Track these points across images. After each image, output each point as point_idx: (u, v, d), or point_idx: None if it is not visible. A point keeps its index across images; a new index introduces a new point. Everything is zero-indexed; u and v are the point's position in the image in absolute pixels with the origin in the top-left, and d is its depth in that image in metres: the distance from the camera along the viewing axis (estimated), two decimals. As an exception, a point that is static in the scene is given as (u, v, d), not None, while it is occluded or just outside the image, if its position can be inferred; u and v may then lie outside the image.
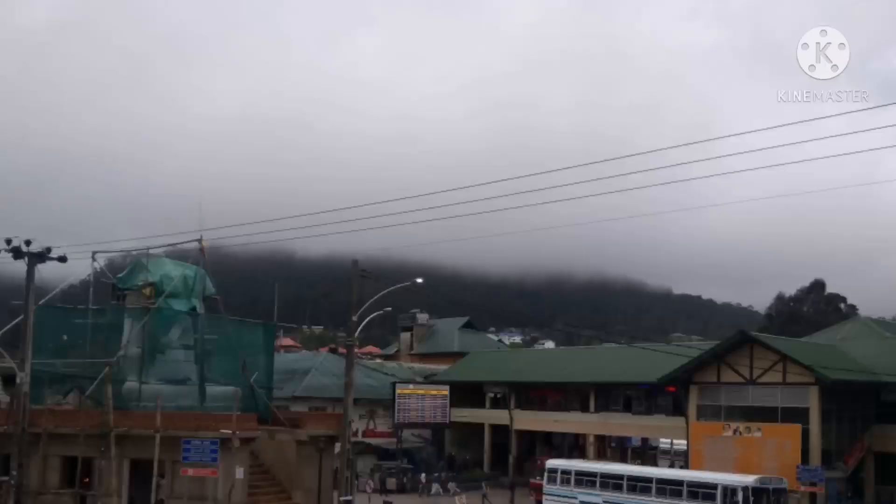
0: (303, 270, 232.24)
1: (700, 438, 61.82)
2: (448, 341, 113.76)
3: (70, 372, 49.12)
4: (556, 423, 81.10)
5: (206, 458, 40.76)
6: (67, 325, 49.26)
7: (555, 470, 58.62)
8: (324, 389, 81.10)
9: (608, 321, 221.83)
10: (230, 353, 49.13)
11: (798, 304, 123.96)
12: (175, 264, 51.03)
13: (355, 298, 46.14)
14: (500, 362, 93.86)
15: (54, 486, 44.13)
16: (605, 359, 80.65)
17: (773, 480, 48.66)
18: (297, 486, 46.53)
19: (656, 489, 51.43)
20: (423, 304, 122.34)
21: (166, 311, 48.44)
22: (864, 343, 65.36)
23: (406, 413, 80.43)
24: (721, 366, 61.67)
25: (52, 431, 43.62)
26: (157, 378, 47.54)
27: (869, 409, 61.19)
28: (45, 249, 42.68)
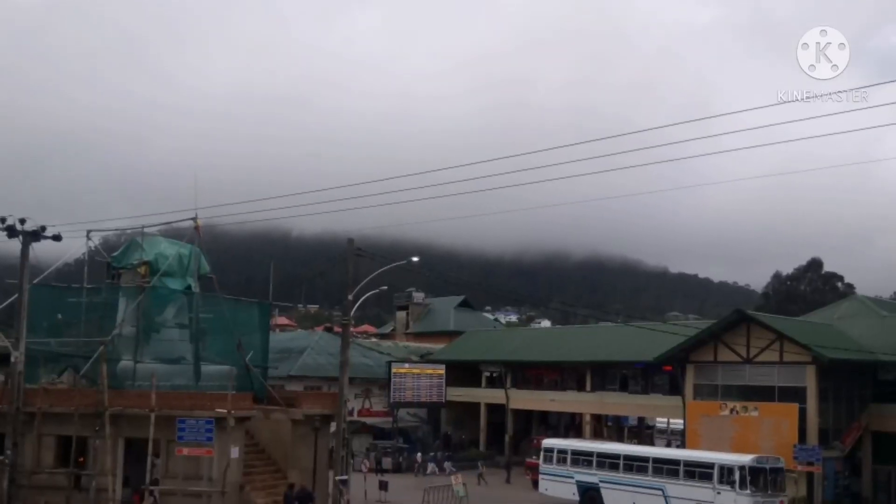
0: (298, 249, 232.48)
1: (697, 417, 61.72)
2: (444, 320, 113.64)
3: (65, 351, 49.00)
4: (553, 402, 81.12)
5: (201, 437, 40.58)
6: (62, 304, 49.00)
7: (551, 449, 58.52)
8: (319, 368, 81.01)
9: (604, 300, 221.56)
10: (225, 332, 48.80)
11: (795, 283, 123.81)
12: (170, 243, 50.69)
13: (351, 277, 45.97)
14: (496, 341, 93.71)
15: (49, 466, 43.90)
16: (602, 338, 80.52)
17: (769, 460, 48.55)
18: (292, 466, 46.37)
19: (653, 468, 51.37)
20: (418, 282, 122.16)
21: (161, 289, 48.14)
22: (862, 322, 65.18)
23: (402, 392, 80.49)
24: (718, 345, 61.55)
25: (46, 411, 43.54)
26: (152, 357, 47.27)
27: (866, 388, 61.08)
28: (40, 228, 42.48)
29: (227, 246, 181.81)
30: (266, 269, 59.74)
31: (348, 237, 47.12)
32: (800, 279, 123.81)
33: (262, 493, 43.92)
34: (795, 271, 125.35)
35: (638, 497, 51.77)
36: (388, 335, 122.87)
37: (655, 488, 50.64)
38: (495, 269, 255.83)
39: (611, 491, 53.47)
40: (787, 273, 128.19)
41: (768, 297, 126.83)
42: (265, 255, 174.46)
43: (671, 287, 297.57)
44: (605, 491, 53.82)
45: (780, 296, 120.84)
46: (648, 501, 51.18)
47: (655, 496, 50.57)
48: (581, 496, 55.30)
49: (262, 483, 44.95)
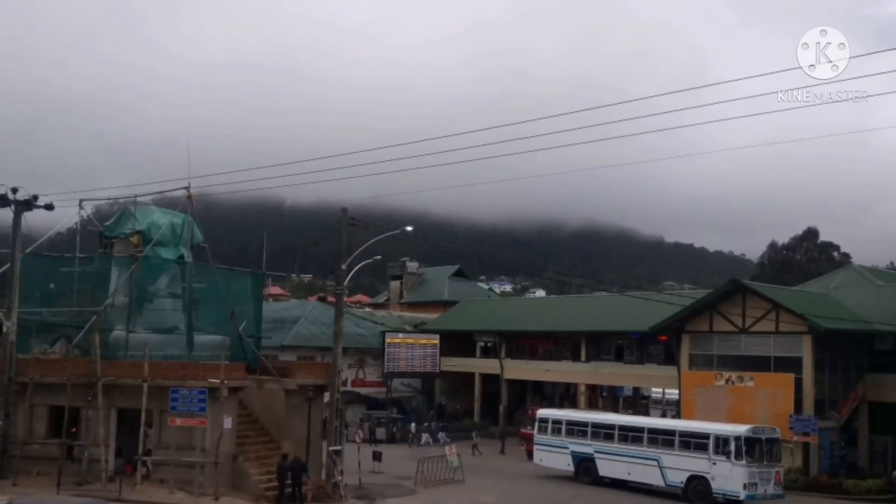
0: (291, 218, 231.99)
1: (692, 388, 61.63)
2: (438, 290, 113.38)
3: (57, 321, 48.69)
4: (547, 372, 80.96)
5: (193, 407, 40.61)
6: (54, 274, 48.75)
7: (545, 420, 58.31)
8: (313, 338, 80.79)
9: (599, 270, 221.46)
10: (218, 302, 48.63)
11: (791, 253, 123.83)
12: (163, 212, 50.41)
13: (344, 247, 45.86)
14: (491, 311, 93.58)
15: (41, 436, 43.86)
16: (597, 308, 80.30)
17: (765, 430, 48.38)
18: (285, 436, 46.15)
19: (648, 439, 51.17)
20: (412, 252, 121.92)
21: (154, 259, 47.85)
22: (858, 292, 65.04)
23: (396, 362, 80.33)
24: (713, 315, 61.39)
25: (38, 381, 43.53)
26: (145, 327, 47.01)
27: (862, 358, 60.89)
28: (32, 197, 42.49)
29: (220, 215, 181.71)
30: (259, 238, 59.30)
31: (342, 206, 47.09)
32: (796, 249, 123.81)
33: (256, 464, 43.73)
34: (791, 241, 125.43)
35: (633, 467, 51.63)
36: (381, 305, 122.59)
37: (651, 459, 50.48)
38: (490, 238, 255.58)
39: (606, 461, 53.32)
40: (782, 242, 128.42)
41: (764, 266, 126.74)
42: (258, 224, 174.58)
43: (666, 256, 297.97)
44: (599, 461, 53.67)
45: (775, 265, 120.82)
46: (644, 472, 51.07)
47: (651, 466, 50.42)
48: (576, 467, 55.17)
49: (256, 454, 44.77)
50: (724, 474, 46.64)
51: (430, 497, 47.20)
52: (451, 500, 46.67)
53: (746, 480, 45.87)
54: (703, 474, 47.73)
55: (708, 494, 47.47)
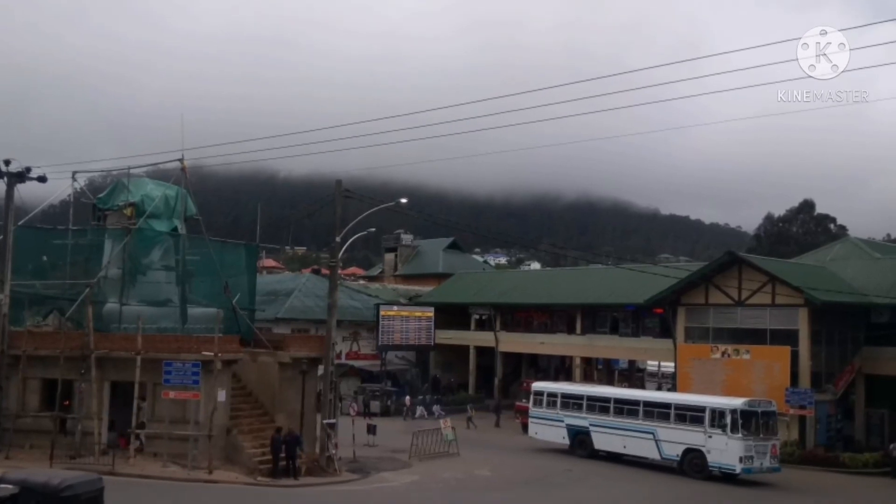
0: (285, 190, 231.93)
1: (688, 361, 61.45)
2: (433, 262, 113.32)
3: (50, 293, 48.94)
4: (542, 345, 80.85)
5: (187, 380, 40.64)
6: (47, 246, 48.73)
7: (540, 392, 58.18)
8: (307, 311, 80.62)
9: (595, 242, 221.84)
10: (212, 275, 48.54)
11: (787, 225, 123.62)
12: (156, 184, 50.36)
13: (339, 219, 45.64)
14: (486, 284, 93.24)
15: (34, 409, 43.82)
16: (592, 280, 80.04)
17: (761, 403, 48.17)
18: (279, 409, 46.02)
19: (643, 412, 51.01)
20: (407, 224, 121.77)
21: (147, 231, 47.74)
22: (855, 264, 64.79)
23: (390, 335, 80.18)
24: (709, 287, 61.16)
25: (31, 354, 43.55)
26: (138, 299, 47.03)
27: (859, 330, 60.72)
28: (25, 169, 42.30)
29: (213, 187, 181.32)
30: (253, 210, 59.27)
31: (336, 178, 47.04)
32: (792, 221, 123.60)
33: (250, 437, 43.64)
34: (787, 213, 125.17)
35: (628, 441, 51.50)
36: (376, 277, 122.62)
37: (646, 432, 50.32)
38: (484, 210, 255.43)
39: (601, 435, 53.19)
40: (779, 215, 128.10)
41: (760, 238, 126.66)
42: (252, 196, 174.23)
43: (662, 229, 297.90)
44: (595, 435, 53.54)
45: (772, 238, 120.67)
46: (639, 445, 50.91)
47: (646, 440, 50.27)
48: (571, 440, 55.03)
49: (250, 427, 44.65)
50: (719, 447, 46.48)
51: (424, 470, 47.05)
52: (446, 473, 46.51)
53: (742, 454, 45.71)
54: (698, 447, 47.56)
55: (704, 468, 47.32)
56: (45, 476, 24.01)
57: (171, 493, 36.54)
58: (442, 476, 45.56)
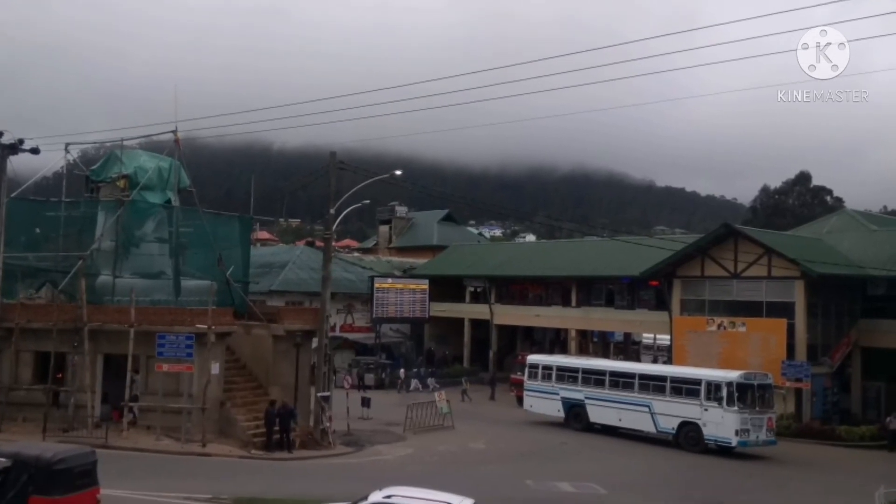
0: (279, 162, 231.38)
1: (683, 333, 61.34)
2: (427, 234, 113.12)
3: (43, 266, 48.59)
4: (538, 317, 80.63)
5: (181, 353, 40.55)
6: (40, 219, 48.78)
7: (536, 365, 58.04)
8: (301, 284, 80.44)
9: (590, 214, 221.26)
10: (206, 247, 48.39)
11: (783, 197, 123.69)
12: (150, 156, 50.20)
13: (333, 191, 45.48)
14: (480, 256, 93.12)
15: (27, 382, 43.72)
16: (587, 252, 79.96)
17: (757, 376, 48.06)
18: (273, 382, 45.93)
19: (639, 385, 50.89)
20: (401, 196, 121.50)
21: (140, 203, 47.52)
22: (851, 236, 64.69)
23: (384, 308, 79.92)
24: (705, 259, 61.04)
25: (24, 326, 43.36)
26: (132, 272, 46.88)
27: (855, 303, 60.72)
28: (18, 141, 41.92)
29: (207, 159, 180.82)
30: (247, 182, 58.83)
31: (330, 150, 46.82)
32: (788, 193, 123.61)
33: (243, 410, 43.59)
34: (784, 185, 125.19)
35: (624, 414, 51.40)
36: (370, 250, 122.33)
37: (642, 405, 50.22)
38: (479, 182, 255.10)
39: (596, 408, 53.08)
40: (775, 187, 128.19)
41: (756, 211, 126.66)
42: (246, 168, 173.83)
43: (657, 201, 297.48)
44: (590, 408, 53.44)
45: (768, 210, 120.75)
46: (634, 418, 50.84)
47: (642, 413, 50.17)
48: (566, 413, 54.94)
49: (243, 399, 44.62)
50: (715, 420, 46.44)
51: (419, 443, 47.00)
52: (441, 446, 46.47)
53: (738, 427, 45.63)
54: (694, 420, 47.52)
55: (699, 441, 47.27)
56: (38, 449, 23.89)
57: (164, 467, 36.33)
58: (437, 449, 45.52)
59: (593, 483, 37.10)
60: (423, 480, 28.58)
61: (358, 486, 26.64)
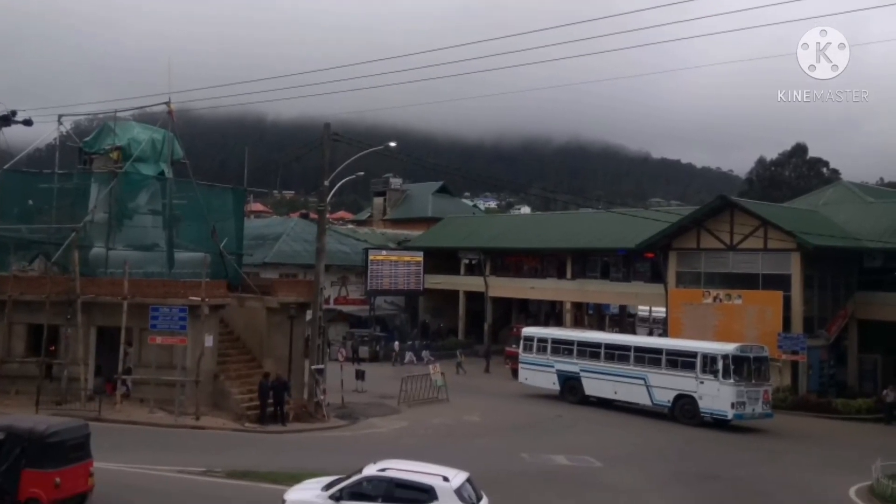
0: (273, 134, 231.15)
1: (679, 306, 61.26)
2: (422, 206, 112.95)
3: (36, 238, 48.49)
4: (533, 290, 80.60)
5: (174, 325, 40.48)
6: (33, 190, 48.42)
7: (531, 338, 57.92)
8: (295, 256, 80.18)
9: (585, 186, 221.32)
10: (199, 219, 48.28)
11: (779, 169, 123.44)
12: (143, 128, 50.04)
13: (327, 163, 45.30)
14: (475, 228, 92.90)
15: (20, 355, 43.67)
16: (583, 224, 79.67)
17: (753, 348, 47.99)
18: (267, 355, 45.81)
19: (634, 357, 50.75)
20: (396, 168, 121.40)
21: (134, 175, 47.40)
22: (847, 208, 64.56)
23: (379, 280, 79.81)
24: (701, 231, 60.91)
25: (17, 298, 43.25)
26: (125, 244, 46.75)
27: (852, 275, 60.72)
28: (10, 112, 41.96)
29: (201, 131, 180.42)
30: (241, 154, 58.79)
31: (324, 122, 46.61)
32: (784, 165, 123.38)
33: (237, 383, 43.50)
34: (780, 157, 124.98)
35: (619, 387, 51.29)
36: (364, 222, 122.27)
37: (637, 377, 50.10)
38: (474, 154, 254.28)
39: (592, 381, 52.96)
40: (771, 158, 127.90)
41: (752, 182, 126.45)
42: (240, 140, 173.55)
43: (653, 173, 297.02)
44: (585, 380, 53.33)
45: (764, 182, 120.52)
46: (630, 391, 50.75)
47: (637, 386, 50.07)
48: (561, 386, 54.84)
49: (237, 372, 44.52)
50: (711, 393, 46.36)
51: (413, 416, 46.94)
52: (436, 419, 46.39)
53: (734, 399, 45.60)
54: (690, 393, 47.45)
55: (695, 414, 47.20)
56: (31, 422, 23.87)
57: (157, 440, 36.30)
58: (431, 422, 45.43)
59: (588, 456, 37.04)
60: (417, 453, 28.50)
61: (352, 460, 26.50)
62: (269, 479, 28.54)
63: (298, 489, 22.96)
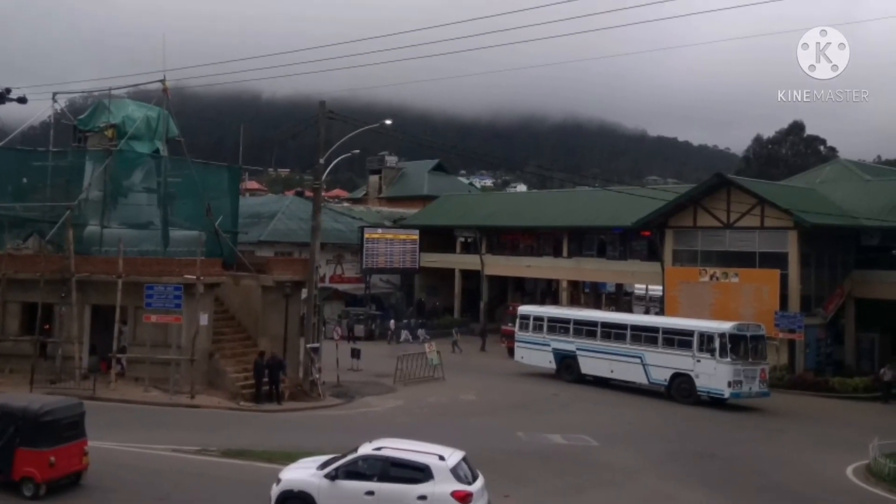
0: (269, 111, 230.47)
1: (676, 284, 61.14)
2: (418, 184, 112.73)
3: (30, 216, 48.41)
4: (529, 268, 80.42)
5: (169, 304, 40.39)
6: (27, 168, 48.53)
7: (527, 316, 57.79)
8: (290, 234, 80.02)
9: (582, 164, 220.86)
10: (194, 197, 48.25)
11: (776, 147, 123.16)
12: (137, 105, 50.00)
13: (322, 140, 45.19)
14: (471, 206, 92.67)
15: (14, 333, 43.60)
16: (579, 202, 79.47)
17: (750, 327, 47.91)
18: (262, 333, 45.77)
19: (631, 336, 50.65)
20: (392, 146, 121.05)
21: (128, 153, 47.33)
22: (844, 186, 64.34)
23: (374, 258, 79.62)
24: (697, 209, 60.79)
25: (11, 277, 43.22)
26: (120, 222, 46.74)
27: (849, 253, 60.54)
28: (5, 90, 41.72)
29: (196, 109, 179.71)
30: (236, 132, 58.41)
31: (320, 99, 46.49)
32: (781, 142, 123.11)
33: (232, 361, 43.45)
34: (777, 134, 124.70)
35: (616, 365, 51.19)
36: (360, 200, 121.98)
37: (634, 356, 50.00)
38: (470, 131, 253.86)
39: (588, 359, 52.87)
40: (768, 136, 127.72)
41: (749, 160, 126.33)
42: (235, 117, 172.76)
43: (650, 150, 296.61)
44: (582, 359, 53.23)
45: (761, 159, 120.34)
46: (626, 369, 50.66)
47: (634, 364, 49.97)
48: (557, 364, 54.75)
49: (232, 351, 44.48)
50: (708, 372, 46.29)
51: (409, 395, 46.88)
52: (431, 397, 46.34)
53: (731, 378, 45.52)
54: (686, 372, 47.36)
55: (692, 392, 47.13)
56: (25, 401, 23.85)
57: (152, 418, 36.19)
58: (427, 400, 45.38)
59: (585, 435, 36.99)
60: (413, 432, 28.42)
61: (347, 438, 26.40)
62: (265, 458, 28.48)
63: (294, 468, 22.85)
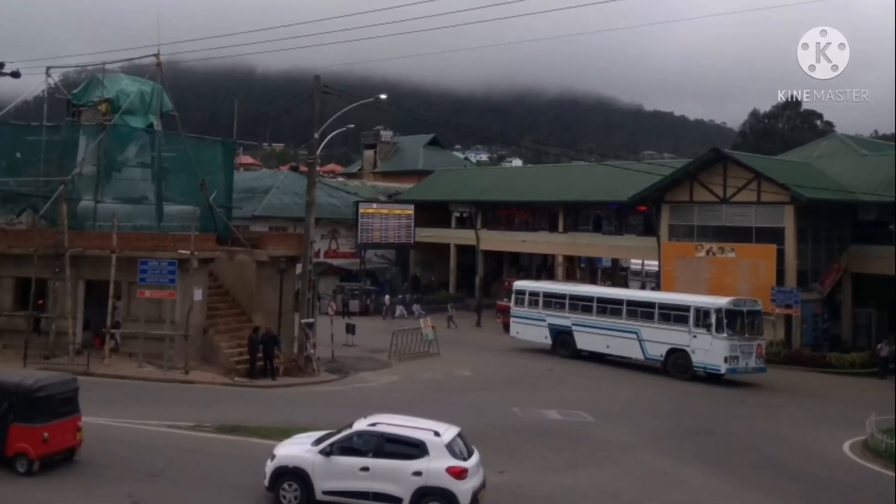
0: (263, 86, 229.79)
1: (672, 259, 61.03)
2: (413, 159, 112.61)
3: (23, 191, 48.43)
4: (524, 243, 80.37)
5: (163, 279, 40.38)
6: (21, 143, 48.27)
7: (522, 291, 57.67)
8: (284, 209, 79.84)
9: (577, 138, 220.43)
10: (188, 172, 48.06)
11: (773, 121, 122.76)
12: (131, 80, 49.75)
13: (317, 115, 45.05)
14: (466, 181, 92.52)
15: (7, 308, 43.56)
16: (575, 177, 79.23)
17: (746, 302, 47.78)
18: (257, 308, 45.64)
19: (627, 311, 50.57)
20: (386, 120, 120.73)
21: (122, 127, 47.17)
22: (841, 161, 64.15)
23: (369, 233, 79.45)
24: (694, 184, 60.64)
25: (4, 252, 43.18)
26: (113, 197, 46.44)
27: (846, 228, 60.44)
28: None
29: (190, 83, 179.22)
30: (230, 106, 58.29)
31: (314, 74, 46.45)
32: (778, 117, 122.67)
33: (227, 337, 43.36)
34: (773, 109, 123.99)
35: (612, 341, 51.09)
36: (355, 174, 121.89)
37: (630, 331, 49.91)
38: (465, 106, 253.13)
39: (584, 335, 52.77)
40: (764, 111, 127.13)
41: (745, 135, 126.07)
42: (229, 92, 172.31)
43: (646, 125, 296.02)
44: (577, 335, 53.13)
45: (757, 134, 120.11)
46: (622, 345, 50.58)
47: (630, 340, 49.89)
48: (553, 340, 54.67)
49: (227, 326, 44.38)
50: (704, 347, 46.22)
51: (404, 370, 46.82)
52: (426, 373, 46.27)
53: (727, 354, 45.45)
54: (683, 347, 47.28)
55: (688, 368, 47.07)
56: (19, 376, 23.82)
57: (146, 394, 36.17)
58: (422, 376, 45.31)
59: (580, 411, 36.95)
60: (408, 408, 28.34)
61: (342, 414, 26.36)
62: (259, 434, 28.44)
63: (288, 444, 22.77)
